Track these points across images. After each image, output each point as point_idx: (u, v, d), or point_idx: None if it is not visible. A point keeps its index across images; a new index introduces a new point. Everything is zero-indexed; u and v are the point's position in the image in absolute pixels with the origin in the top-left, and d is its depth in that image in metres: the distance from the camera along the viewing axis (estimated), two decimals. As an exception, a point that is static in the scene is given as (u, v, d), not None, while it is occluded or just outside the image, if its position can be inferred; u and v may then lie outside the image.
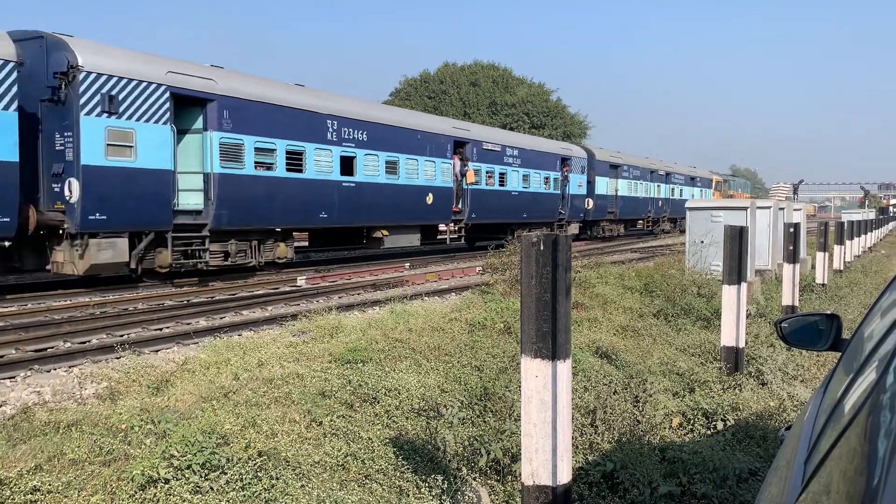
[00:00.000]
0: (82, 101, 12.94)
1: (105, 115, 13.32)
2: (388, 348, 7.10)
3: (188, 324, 10.96)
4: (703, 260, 12.64)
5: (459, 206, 24.15)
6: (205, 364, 6.71)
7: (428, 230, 23.33)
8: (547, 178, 29.58)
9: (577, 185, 31.97)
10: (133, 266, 14.07)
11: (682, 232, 21.63)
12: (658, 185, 42.31)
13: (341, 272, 18.21)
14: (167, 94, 14.34)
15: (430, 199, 22.34)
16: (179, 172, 14.93)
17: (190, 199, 15.19)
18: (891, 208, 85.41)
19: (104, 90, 13.33)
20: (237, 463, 3.94)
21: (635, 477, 4.13)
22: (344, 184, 18.88)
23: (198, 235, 15.26)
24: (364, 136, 19.52)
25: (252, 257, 16.81)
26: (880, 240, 35.36)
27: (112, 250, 13.55)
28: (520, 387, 3.25)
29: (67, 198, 12.86)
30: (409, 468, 4.19)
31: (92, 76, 13.11)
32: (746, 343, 7.25)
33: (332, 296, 14.43)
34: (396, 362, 6.50)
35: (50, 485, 3.73)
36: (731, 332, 6.84)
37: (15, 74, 12.25)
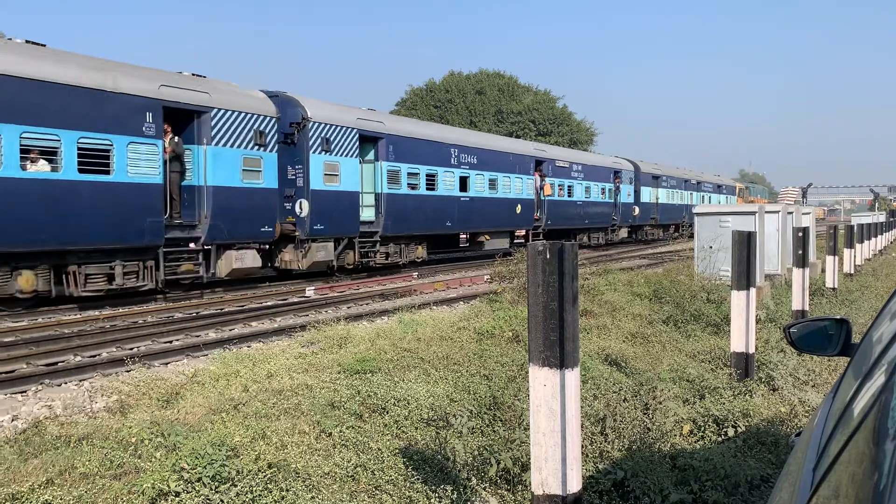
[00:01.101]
0: (310, 143, 17.83)
1: (323, 152, 18.22)
2: (397, 358, 7.10)
3: (197, 336, 11.00)
4: (712, 265, 12.60)
5: (538, 214, 28.98)
6: (214, 376, 6.73)
7: (515, 234, 28.50)
8: (603, 189, 34.69)
9: (626, 194, 37.10)
10: (334, 263, 18.82)
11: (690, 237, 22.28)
12: (691, 193, 47.01)
13: (350, 282, 18.27)
14: (357, 135, 19.42)
15: (518, 209, 27.25)
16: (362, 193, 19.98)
17: (367, 213, 20.17)
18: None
19: (322, 134, 18.24)
20: (247, 475, 3.95)
21: (646, 485, 4.11)
22: (461, 198, 23.99)
23: (371, 240, 20.33)
24: (474, 159, 24.65)
25: (402, 257, 21.63)
26: (891, 242, 35.13)
27: (324, 251, 18.39)
28: (528, 396, 3.24)
29: (298, 213, 17.62)
30: (418, 478, 4.18)
31: (315, 124, 18.00)
32: (756, 348, 7.21)
33: (341, 306, 14.46)
34: (405, 372, 6.50)
35: (61, 499, 3.75)
36: (740, 338, 6.81)
37: (276, 126, 16.86)
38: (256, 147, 16.27)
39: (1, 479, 3.95)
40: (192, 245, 15.10)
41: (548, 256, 3.06)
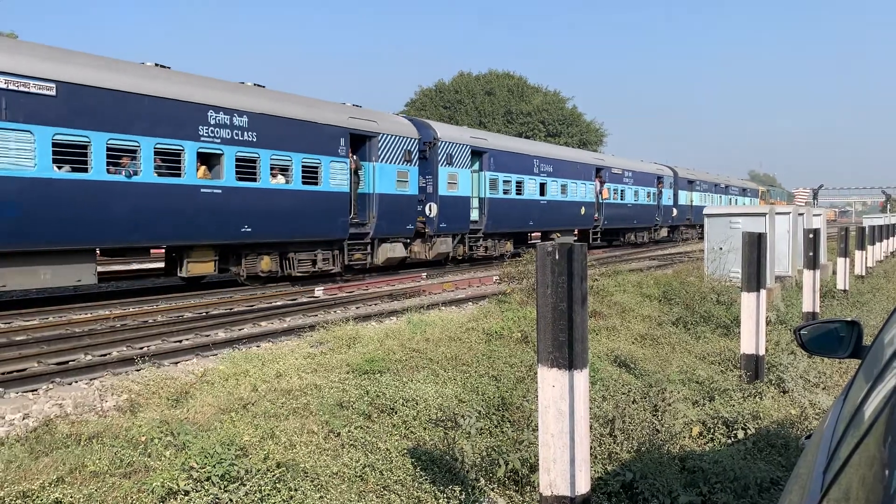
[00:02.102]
0: (438, 158, 22.14)
1: (447, 165, 22.56)
2: (406, 358, 7.11)
3: (207, 335, 11.04)
4: (722, 267, 12.55)
5: (597, 215, 32.82)
6: (224, 375, 6.75)
7: (579, 233, 32.84)
8: (649, 193, 38.66)
9: (667, 197, 41.27)
10: (451, 255, 23.18)
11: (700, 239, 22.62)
12: (720, 196, 50.77)
13: (359, 283, 18.30)
14: (469, 150, 23.82)
15: (582, 210, 31.35)
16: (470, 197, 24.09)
17: (474, 214, 24.27)
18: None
19: (447, 151, 22.61)
20: (256, 474, 3.96)
21: (655, 487, 4.10)
22: (540, 202, 28.01)
23: (476, 236, 24.47)
24: (550, 168, 28.80)
25: (496, 251, 25.66)
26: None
27: (445, 245, 22.65)
28: (537, 397, 3.24)
29: (428, 214, 21.66)
30: (427, 479, 4.18)
31: (442, 143, 22.36)
32: (767, 350, 7.17)
33: (350, 306, 14.47)
34: (414, 372, 6.51)
35: (72, 497, 3.77)
36: (750, 340, 6.78)
37: (417, 145, 21.23)
38: (405, 162, 20.73)
39: (12, 477, 3.98)
40: (366, 238, 19.71)
41: (557, 257, 3.05)
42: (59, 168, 12.52)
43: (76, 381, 8.09)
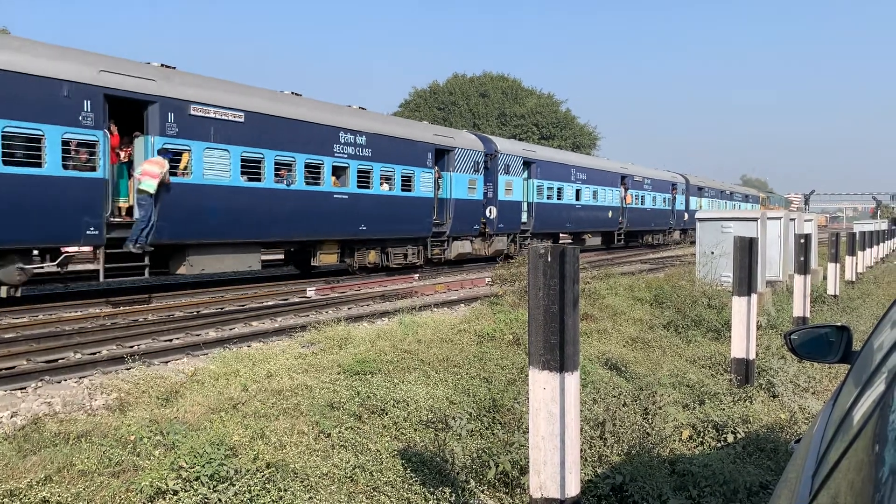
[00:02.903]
0: (498, 168, 25.58)
1: (505, 174, 25.96)
2: (397, 359, 7.10)
3: (198, 335, 11.00)
4: (714, 271, 12.59)
5: (621, 219, 36.34)
6: (214, 375, 6.73)
7: (606, 235, 36.99)
8: (665, 199, 42.41)
9: (680, 203, 44.79)
10: (506, 252, 25.69)
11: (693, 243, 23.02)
12: (725, 202, 54.45)
13: (351, 283, 18.28)
14: (521, 161, 27.40)
15: (609, 214, 35.01)
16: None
17: (524, 217, 27.64)
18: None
19: (505, 162, 26.12)
20: (245, 474, 3.94)
21: (645, 490, 4.10)
22: (576, 206, 31.63)
23: (524, 236, 27.76)
24: (584, 176, 32.42)
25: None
26: (893, 250, 35.09)
27: (502, 243, 26.00)
28: (528, 399, 3.24)
29: (489, 216, 24.93)
30: (417, 480, 4.18)
31: (502, 155, 25.88)
32: (757, 355, 7.20)
33: (342, 307, 14.45)
34: (405, 374, 6.50)
35: (60, 496, 3.75)
36: (741, 344, 6.80)
37: (483, 157, 24.81)
38: (473, 172, 24.39)
39: (0, 476, 3.95)
40: (443, 237, 23.27)
41: (549, 260, 3.05)
42: (245, 178, 15.90)
43: (65, 380, 8.05)
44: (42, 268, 12.98)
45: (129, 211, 13.84)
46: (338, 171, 18.81)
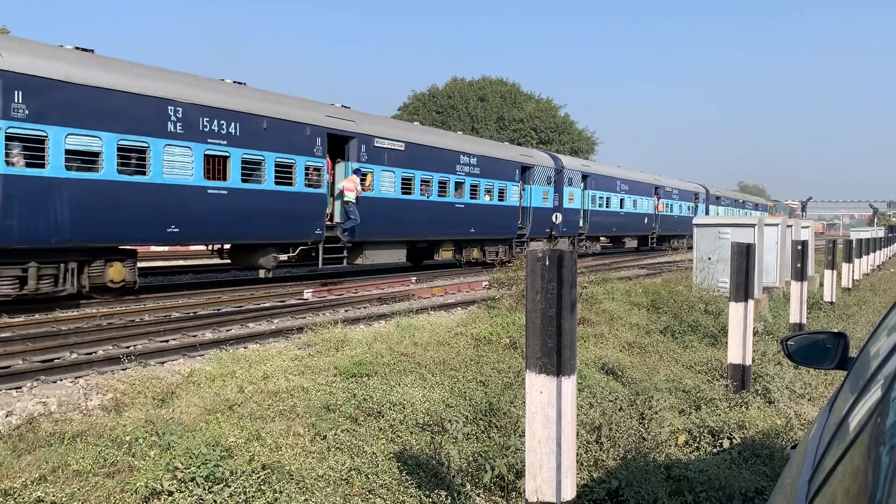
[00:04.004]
0: (563, 181, 30.27)
1: (568, 186, 30.53)
2: (394, 362, 7.10)
3: (194, 336, 10.97)
4: (711, 277, 12.60)
5: (654, 224, 40.96)
6: (210, 376, 6.72)
7: (641, 238, 41.99)
8: (689, 207, 47.31)
9: (701, 210, 48.80)
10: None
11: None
12: (738, 210, 58.99)
13: (348, 286, 18.28)
14: (580, 175, 32.17)
15: (645, 220, 39.85)
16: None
17: (580, 222, 32.15)
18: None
19: (568, 175, 30.75)
20: (241, 476, 3.94)
21: (640, 495, 4.10)
22: (620, 213, 36.39)
23: (581, 238, 32.56)
24: (627, 187, 37.15)
25: (589, 250, 34.34)
26: (889, 258, 35.18)
27: (564, 244, 29.83)
28: (524, 402, 3.24)
29: (555, 221, 29.43)
30: (413, 483, 4.17)
31: (566, 170, 30.66)
32: (753, 361, 7.20)
33: (339, 309, 14.43)
34: (401, 376, 6.50)
35: (54, 496, 3.74)
36: (737, 350, 6.81)
37: (553, 173, 29.63)
38: (546, 184, 29.06)
39: (-6, 475, 3.94)
40: (524, 238, 27.68)
41: (547, 263, 3.06)
42: (402, 192, 20.99)
43: (61, 380, 8.02)
44: (286, 258, 18.39)
45: (331, 217, 18.76)
46: (458, 186, 23.85)
